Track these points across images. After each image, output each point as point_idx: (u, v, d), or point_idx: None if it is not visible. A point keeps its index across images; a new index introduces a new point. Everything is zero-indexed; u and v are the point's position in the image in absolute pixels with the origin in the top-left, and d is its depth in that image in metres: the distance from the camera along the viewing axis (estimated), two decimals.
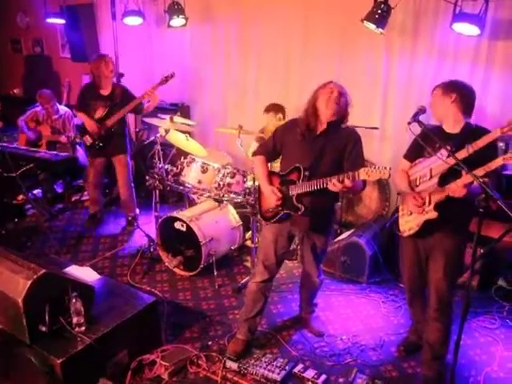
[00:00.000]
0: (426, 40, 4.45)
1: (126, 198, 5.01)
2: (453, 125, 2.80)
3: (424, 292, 3.07)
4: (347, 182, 2.68)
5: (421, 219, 2.83)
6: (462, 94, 2.76)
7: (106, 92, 4.68)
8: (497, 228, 3.73)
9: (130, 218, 4.95)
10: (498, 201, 2.29)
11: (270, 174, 3.13)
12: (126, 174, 4.91)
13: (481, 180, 2.33)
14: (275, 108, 4.63)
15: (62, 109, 5.71)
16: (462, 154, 2.58)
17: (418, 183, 2.87)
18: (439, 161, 2.67)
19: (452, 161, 2.55)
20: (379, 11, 4.10)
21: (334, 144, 2.93)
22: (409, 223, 2.94)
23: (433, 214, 2.76)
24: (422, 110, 2.64)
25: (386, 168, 2.55)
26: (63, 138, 5.35)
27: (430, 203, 2.77)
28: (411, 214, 2.91)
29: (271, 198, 3.02)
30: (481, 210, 2.32)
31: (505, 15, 3.99)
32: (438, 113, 2.87)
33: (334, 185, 2.72)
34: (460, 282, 3.45)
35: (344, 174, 2.70)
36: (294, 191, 2.96)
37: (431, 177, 2.79)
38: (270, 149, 3.14)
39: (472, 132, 2.74)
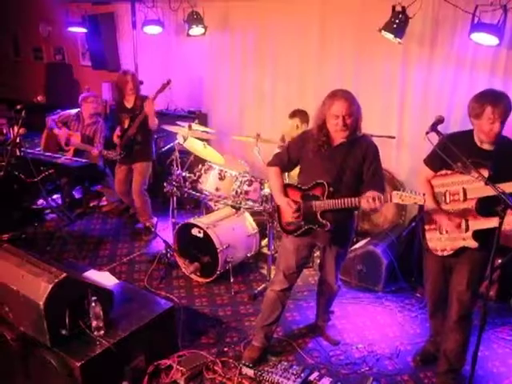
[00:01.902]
0: (443, 49, 4.45)
1: (139, 207, 5.06)
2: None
3: (446, 304, 3.01)
4: (377, 204, 2.68)
5: (457, 244, 2.74)
6: None
7: (129, 104, 4.79)
8: None
9: (146, 226, 5.02)
10: None
11: (290, 187, 3.11)
12: (139, 182, 4.91)
13: (499, 191, 2.32)
14: (301, 114, 4.57)
15: (98, 117, 5.74)
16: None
17: (447, 200, 2.74)
18: (476, 183, 2.54)
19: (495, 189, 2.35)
20: (397, 21, 4.12)
21: (353, 157, 2.92)
22: (442, 243, 2.83)
23: (472, 244, 2.66)
24: (440, 120, 2.62)
25: (420, 194, 2.55)
26: (94, 151, 5.36)
27: (467, 229, 2.67)
28: (446, 232, 2.79)
29: (287, 210, 3.02)
30: (500, 219, 2.32)
31: None
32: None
33: (364, 204, 2.74)
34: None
35: (376, 195, 2.70)
36: (318, 208, 2.95)
37: (465, 199, 2.66)
38: (284, 160, 3.11)
39: (508, 147, 2.64)
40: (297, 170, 3.22)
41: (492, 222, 2.55)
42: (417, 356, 3.31)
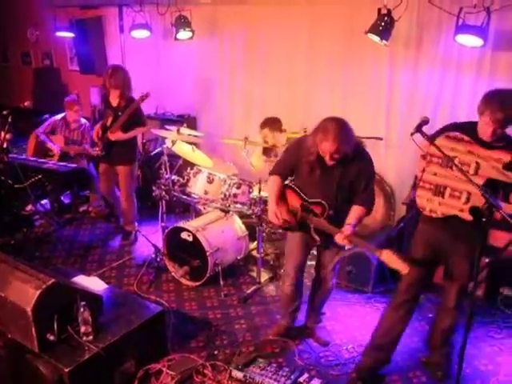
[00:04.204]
0: (429, 51, 4.49)
1: (124, 210, 5.04)
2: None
3: (413, 303, 3.05)
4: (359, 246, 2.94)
5: (450, 212, 2.70)
6: None
7: (114, 102, 4.73)
8: (503, 238, 3.75)
9: (127, 230, 5.05)
10: (500, 210, 2.32)
11: (290, 190, 3.19)
12: (125, 186, 4.88)
13: (483, 190, 2.35)
14: (270, 122, 4.62)
15: (82, 120, 5.74)
16: None
17: (455, 167, 2.58)
18: (493, 163, 2.55)
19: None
20: (383, 23, 4.14)
21: (347, 176, 2.99)
22: (433, 205, 2.75)
23: (467, 216, 2.61)
24: (425, 121, 2.64)
25: (407, 267, 2.65)
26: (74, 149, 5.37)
27: (467, 202, 2.64)
28: (439, 194, 2.73)
29: (273, 218, 3.17)
30: (484, 219, 2.35)
31: (507, 26, 4.02)
32: None
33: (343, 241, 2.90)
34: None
35: (365, 243, 2.93)
36: (314, 223, 3.05)
37: (476, 174, 2.61)
38: (285, 170, 3.21)
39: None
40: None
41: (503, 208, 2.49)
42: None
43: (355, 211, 3.00)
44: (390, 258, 2.71)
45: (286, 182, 3.26)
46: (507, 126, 2.60)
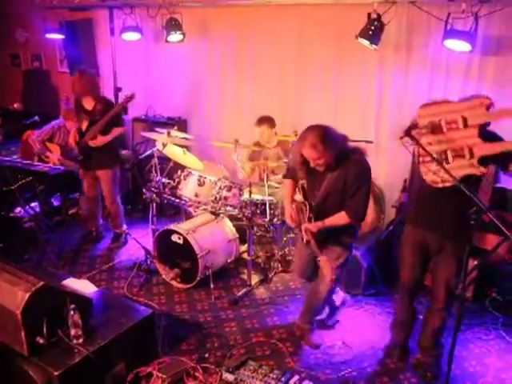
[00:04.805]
0: (419, 55, 4.53)
1: (111, 215, 5.01)
2: None
3: (414, 297, 3.27)
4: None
5: (462, 171, 2.64)
6: None
7: (89, 106, 4.63)
8: (491, 240, 3.81)
9: (116, 233, 5.02)
10: (488, 213, 2.35)
11: (301, 191, 3.28)
12: (108, 190, 4.80)
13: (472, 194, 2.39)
14: (268, 120, 4.72)
15: None
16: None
17: (443, 130, 2.66)
18: (477, 109, 2.56)
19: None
20: (373, 28, 4.19)
21: (335, 181, 3.05)
22: (442, 174, 2.68)
23: (478, 170, 2.59)
24: (414, 125, 2.69)
25: (333, 276, 3.10)
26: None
27: (472, 156, 2.60)
28: (447, 161, 2.68)
29: (287, 218, 3.31)
30: (472, 222, 2.39)
31: (494, 32, 4.08)
32: None
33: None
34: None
35: (315, 245, 3.09)
36: (305, 225, 3.16)
37: (466, 126, 2.61)
38: (293, 173, 3.31)
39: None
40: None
41: (498, 147, 2.58)
42: (393, 350, 3.40)
43: (336, 215, 3.09)
44: (324, 263, 3.09)
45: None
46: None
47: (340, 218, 3.09)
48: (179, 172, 4.42)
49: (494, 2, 3.90)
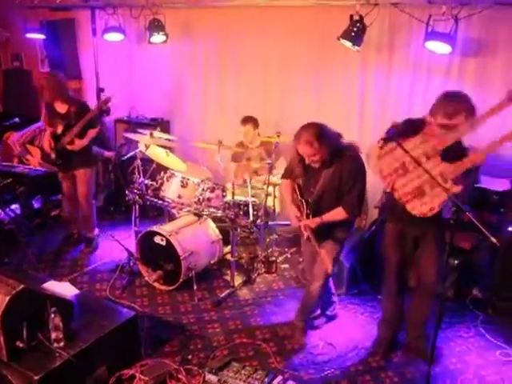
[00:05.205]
0: (400, 57, 4.59)
1: (83, 216, 4.93)
2: None
3: (401, 295, 3.36)
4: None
5: (441, 197, 2.79)
6: None
7: (62, 110, 4.55)
8: (469, 239, 3.87)
9: (88, 237, 4.96)
10: (467, 213, 2.39)
11: (296, 190, 3.35)
12: (84, 190, 4.74)
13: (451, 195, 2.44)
14: (253, 120, 4.77)
15: None
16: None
17: (409, 169, 2.85)
18: (430, 141, 2.75)
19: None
20: (355, 29, 4.23)
21: (331, 178, 3.12)
22: (427, 205, 2.85)
23: (457, 188, 2.72)
24: (394, 126, 2.73)
25: (331, 268, 3.14)
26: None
27: (446, 181, 2.76)
28: (422, 194, 2.85)
29: (292, 218, 3.31)
30: (452, 221, 2.43)
31: (474, 34, 4.15)
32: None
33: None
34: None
35: (314, 240, 3.15)
36: (304, 221, 3.24)
37: (428, 158, 2.79)
38: (290, 173, 3.37)
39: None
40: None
41: (459, 168, 2.75)
42: (378, 348, 3.45)
43: (333, 211, 3.17)
44: (324, 256, 3.14)
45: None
46: None
47: (337, 214, 3.17)
48: (162, 173, 4.40)
49: (474, 5, 3.96)
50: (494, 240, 2.36)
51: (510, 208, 3.91)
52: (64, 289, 3.29)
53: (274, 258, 4.60)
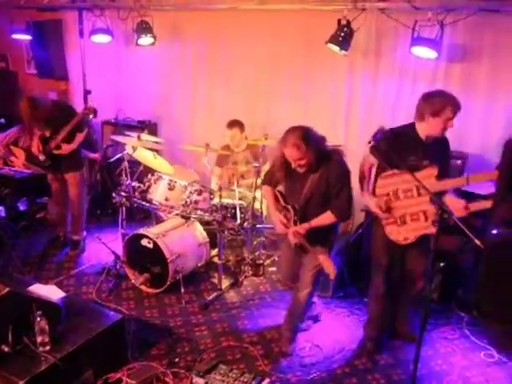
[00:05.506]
0: (387, 61, 4.64)
1: (72, 217, 4.90)
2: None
3: (388, 296, 3.41)
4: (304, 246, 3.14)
5: (419, 233, 3.05)
6: None
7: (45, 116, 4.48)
8: (454, 242, 3.91)
9: (74, 240, 4.92)
10: (452, 216, 2.43)
11: (278, 196, 3.33)
12: (76, 192, 4.74)
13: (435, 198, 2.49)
14: (239, 123, 4.79)
15: None
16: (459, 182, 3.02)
17: (400, 197, 3.06)
18: (426, 180, 2.82)
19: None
20: (342, 34, 4.27)
21: (317, 182, 3.08)
22: (402, 234, 3.10)
23: (432, 230, 2.85)
24: (381, 131, 2.76)
25: (335, 272, 2.99)
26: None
27: (426, 219, 2.99)
28: (403, 223, 3.08)
29: (277, 224, 3.22)
30: (437, 224, 2.46)
31: (459, 40, 4.21)
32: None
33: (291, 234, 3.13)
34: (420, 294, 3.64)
35: (308, 245, 3.09)
36: (293, 228, 3.17)
37: (420, 194, 2.98)
38: (271, 178, 3.34)
39: (443, 140, 3.13)
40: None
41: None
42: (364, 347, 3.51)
43: (322, 215, 3.13)
44: (325, 261, 3.04)
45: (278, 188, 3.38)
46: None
47: (326, 218, 3.13)
48: (149, 176, 4.38)
49: (459, 11, 4.02)
50: (478, 242, 2.40)
51: (494, 211, 3.97)
52: (50, 292, 3.26)
53: (261, 261, 4.61)
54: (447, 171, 3.19)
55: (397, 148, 2.85)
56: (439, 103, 2.94)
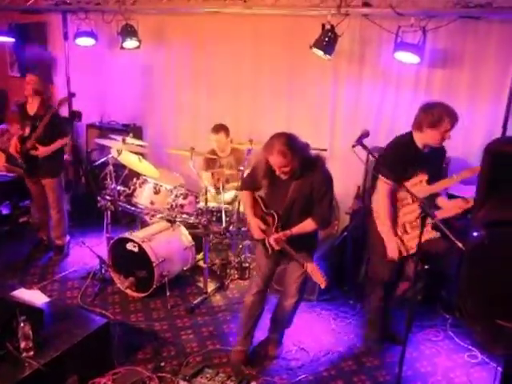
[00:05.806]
0: (371, 66, 4.68)
1: (55, 224, 4.84)
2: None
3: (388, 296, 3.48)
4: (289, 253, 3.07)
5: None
6: None
7: (32, 111, 4.51)
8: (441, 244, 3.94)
9: (57, 245, 4.87)
10: (434, 219, 2.47)
11: (258, 202, 3.26)
12: (54, 197, 4.68)
13: (420, 201, 2.53)
14: (224, 127, 4.80)
15: None
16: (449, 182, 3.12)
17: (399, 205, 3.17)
18: (418, 186, 2.92)
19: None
20: (326, 38, 4.30)
21: (300, 189, 3.03)
22: (409, 242, 3.20)
23: (434, 233, 3.01)
24: (365, 134, 2.79)
25: (325, 281, 2.87)
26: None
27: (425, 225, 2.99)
28: (405, 233, 3.21)
29: (255, 230, 3.16)
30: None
31: (441, 45, 4.27)
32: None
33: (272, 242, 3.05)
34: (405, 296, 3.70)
35: (293, 252, 3.02)
36: (267, 233, 3.12)
37: (414, 201, 2.99)
38: (251, 184, 3.28)
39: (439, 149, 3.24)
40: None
41: (442, 212, 3.07)
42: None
43: (303, 223, 3.08)
44: (313, 271, 2.94)
45: (258, 194, 3.32)
46: None
47: (307, 225, 3.08)
48: (135, 179, 4.37)
49: (441, 18, 4.09)
50: (460, 245, 2.44)
51: (474, 214, 4.03)
52: (34, 297, 3.24)
53: (247, 264, 4.62)
54: (441, 177, 3.28)
55: (401, 162, 3.04)
56: (438, 115, 2.99)
